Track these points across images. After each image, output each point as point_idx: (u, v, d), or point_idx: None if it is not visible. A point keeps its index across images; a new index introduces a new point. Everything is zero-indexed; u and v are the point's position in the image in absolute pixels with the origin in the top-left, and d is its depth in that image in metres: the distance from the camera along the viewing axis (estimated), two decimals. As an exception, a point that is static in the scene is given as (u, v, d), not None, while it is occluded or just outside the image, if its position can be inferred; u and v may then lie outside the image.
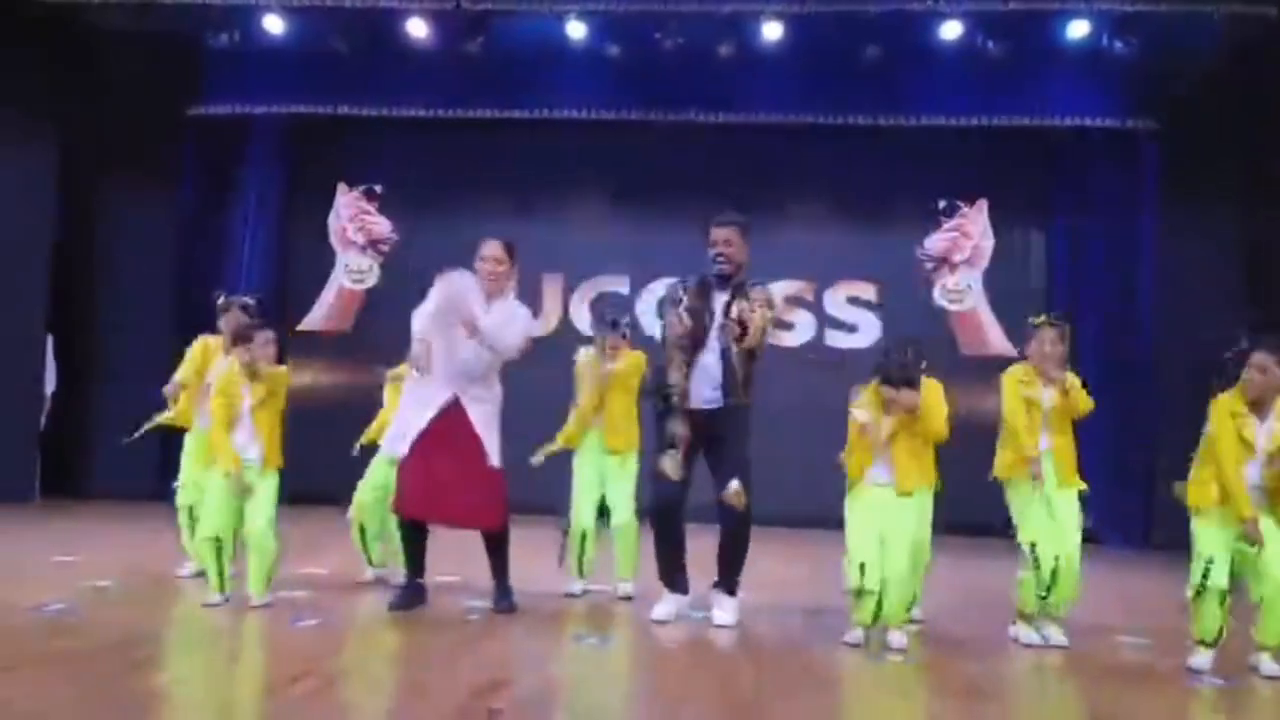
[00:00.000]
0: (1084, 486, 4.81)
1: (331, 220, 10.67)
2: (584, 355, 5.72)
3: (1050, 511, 4.69)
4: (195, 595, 5.04)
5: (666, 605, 4.93)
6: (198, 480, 5.47)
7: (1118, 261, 9.71)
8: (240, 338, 5.12)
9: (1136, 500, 9.31)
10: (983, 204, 10.30)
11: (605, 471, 5.59)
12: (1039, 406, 4.74)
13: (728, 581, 4.91)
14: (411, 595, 4.93)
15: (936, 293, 10.29)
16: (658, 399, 4.85)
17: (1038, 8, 8.78)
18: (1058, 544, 4.64)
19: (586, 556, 5.58)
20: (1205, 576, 4.23)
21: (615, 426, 5.57)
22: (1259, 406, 4.33)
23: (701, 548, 4.98)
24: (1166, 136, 9.27)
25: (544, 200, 10.24)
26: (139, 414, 6.14)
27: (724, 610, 4.85)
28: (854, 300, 10.22)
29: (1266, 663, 4.24)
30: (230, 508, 4.92)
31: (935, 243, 10.34)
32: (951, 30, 9.06)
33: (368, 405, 6.29)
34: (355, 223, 10.68)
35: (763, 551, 5.23)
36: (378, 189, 10.67)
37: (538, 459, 5.63)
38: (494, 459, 4.87)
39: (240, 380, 5.02)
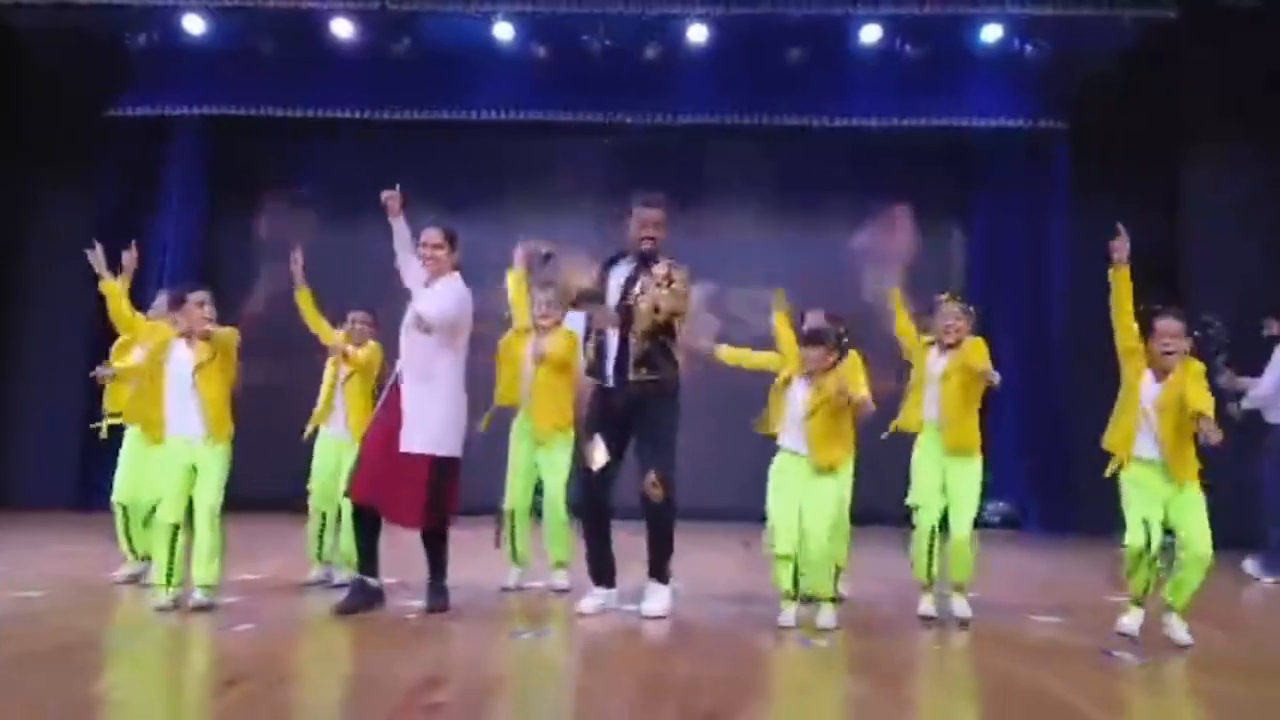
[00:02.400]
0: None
1: (261, 223, 10.54)
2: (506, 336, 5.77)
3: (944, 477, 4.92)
4: (130, 601, 4.99)
5: (592, 599, 4.97)
6: (134, 481, 5.41)
7: (1033, 259, 10.04)
8: (174, 303, 5.06)
9: (1054, 486, 9.67)
10: (905, 204, 10.54)
11: (538, 456, 5.63)
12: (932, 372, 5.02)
13: (656, 570, 4.97)
14: (360, 598, 4.83)
15: (866, 291, 10.52)
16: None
17: (953, 12, 9.06)
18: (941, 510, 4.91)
19: (519, 540, 5.62)
20: (1138, 537, 4.47)
21: (542, 410, 5.55)
22: (1163, 371, 4.60)
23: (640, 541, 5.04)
24: (1076, 138, 9.62)
25: (473, 202, 10.24)
26: (57, 418, 6.06)
27: (653, 600, 4.90)
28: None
29: (1175, 625, 4.51)
30: (183, 491, 4.81)
31: (860, 241, 10.56)
32: (871, 34, 9.30)
33: (296, 405, 6.18)
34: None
35: (695, 543, 5.34)
36: (303, 191, 10.57)
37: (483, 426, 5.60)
38: (408, 444, 4.73)
39: (170, 346, 4.92)
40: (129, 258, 5.71)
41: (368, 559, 4.89)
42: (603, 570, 5.03)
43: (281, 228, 10.61)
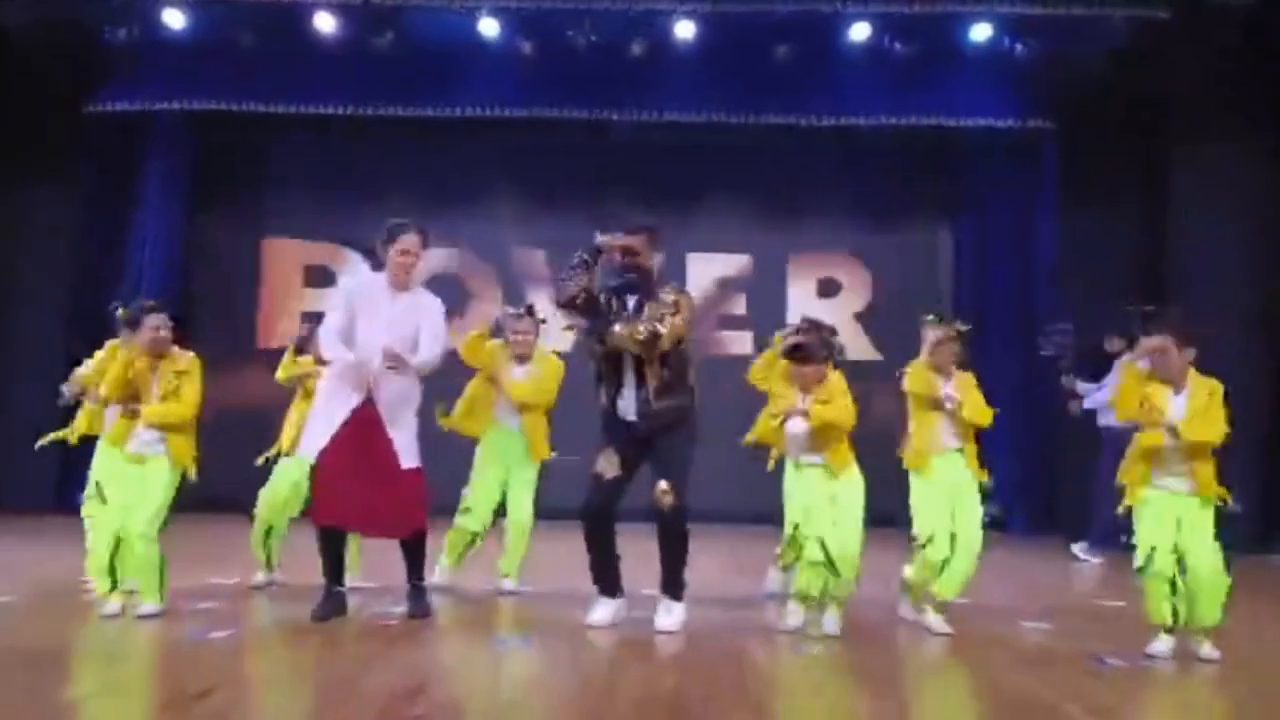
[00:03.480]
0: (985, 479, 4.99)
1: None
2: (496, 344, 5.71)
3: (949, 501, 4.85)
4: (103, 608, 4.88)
5: (602, 610, 4.83)
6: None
7: (1021, 259, 9.99)
8: (131, 323, 4.93)
9: (1039, 488, 9.65)
10: (892, 202, 10.51)
11: (509, 469, 5.62)
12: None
13: (669, 585, 4.82)
14: (333, 604, 4.79)
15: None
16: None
17: (942, 10, 8.99)
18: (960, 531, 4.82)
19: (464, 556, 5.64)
20: (1148, 563, 4.39)
21: (530, 434, 5.61)
22: (1172, 385, 4.48)
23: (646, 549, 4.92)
24: (1064, 138, 9.57)
25: (457, 200, 10.15)
26: (33, 420, 5.94)
27: (667, 614, 4.76)
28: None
29: (1205, 648, 4.41)
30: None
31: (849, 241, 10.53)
32: (860, 31, 9.22)
33: (272, 410, 6.12)
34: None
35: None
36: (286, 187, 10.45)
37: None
38: (407, 459, 4.74)
39: (138, 364, 4.81)
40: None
41: (337, 569, 4.84)
42: (609, 580, 4.88)
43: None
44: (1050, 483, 9.55)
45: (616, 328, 4.62)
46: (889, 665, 4.27)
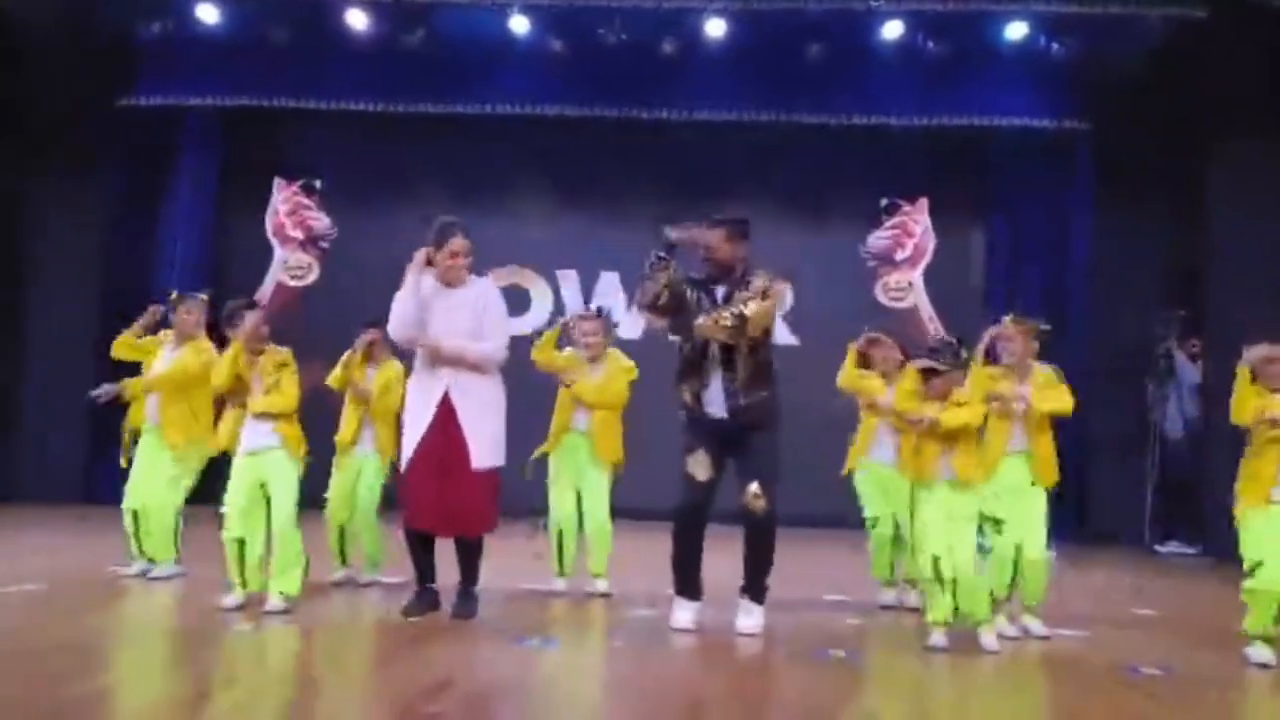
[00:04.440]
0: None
1: (269, 215, 10.47)
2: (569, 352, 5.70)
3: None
4: (134, 596, 4.91)
5: (685, 612, 4.71)
6: (143, 484, 5.54)
7: (1054, 260, 9.88)
8: (229, 319, 5.06)
9: (1069, 493, 9.49)
10: (923, 203, 10.41)
11: (582, 472, 5.58)
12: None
13: (752, 588, 4.70)
14: (426, 601, 4.77)
15: (878, 290, 10.39)
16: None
17: (976, 8, 8.89)
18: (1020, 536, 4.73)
19: (566, 554, 5.60)
20: (1253, 576, 4.36)
21: (597, 435, 5.55)
22: None
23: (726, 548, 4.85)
24: (1100, 138, 9.45)
25: (486, 197, 10.13)
26: (60, 413, 5.98)
27: (749, 616, 4.65)
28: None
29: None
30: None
31: (877, 241, 10.43)
32: (893, 30, 9.14)
33: (309, 404, 6.11)
34: (294, 218, 10.49)
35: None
36: (317, 184, 10.49)
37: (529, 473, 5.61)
38: (480, 460, 4.63)
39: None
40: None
41: (427, 569, 4.81)
42: (692, 583, 4.75)
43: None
44: (1079, 489, 9.40)
45: (701, 319, 4.51)
46: (920, 673, 4.20)
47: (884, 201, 10.36)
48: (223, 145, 10.20)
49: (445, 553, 4.80)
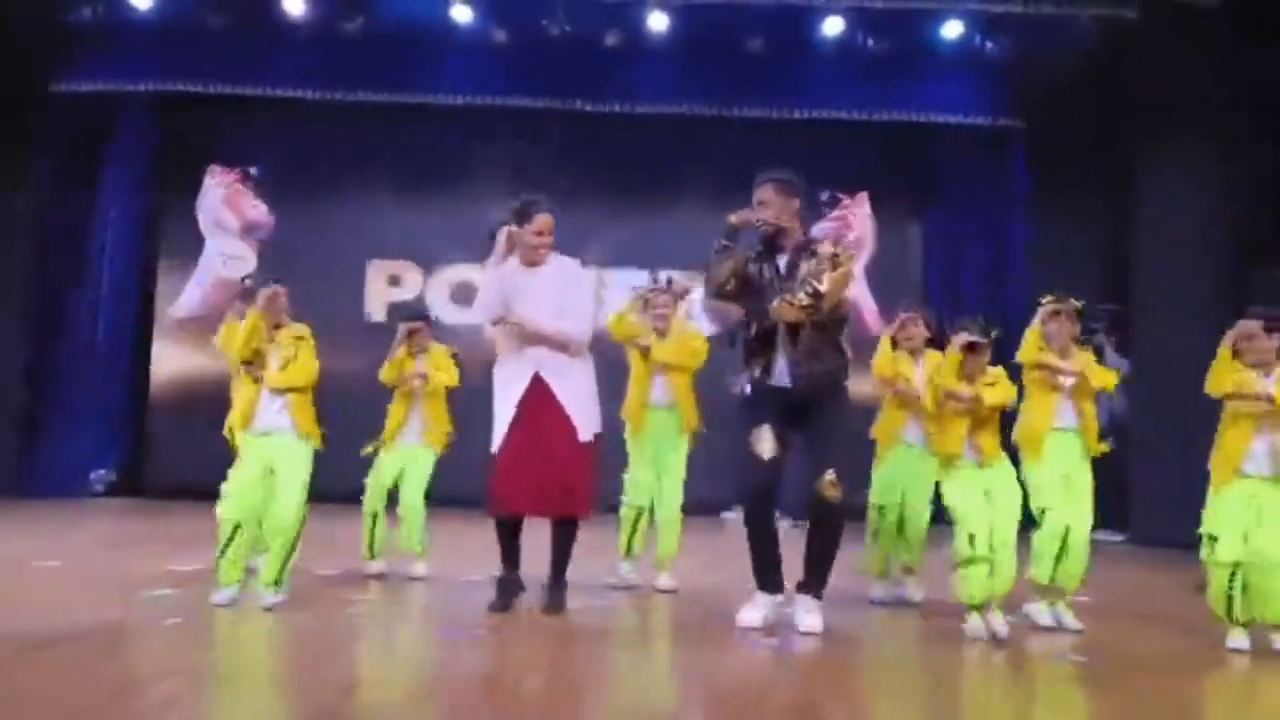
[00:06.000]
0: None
1: (202, 203, 10.29)
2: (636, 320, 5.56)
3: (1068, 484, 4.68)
4: (50, 592, 4.81)
5: (756, 609, 4.45)
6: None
7: (991, 255, 10.08)
8: (246, 294, 4.94)
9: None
10: (863, 196, 10.52)
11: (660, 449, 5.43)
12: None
13: (813, 583, 4.44)
14: (514, 590, 4.67)
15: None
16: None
17: (914, 6, 9.04)
18: (1069, 516, 4.61)
19: (638, 536, 5.44)
20: (1211, 551, 4.37)
21: (679, 403, 5.42)
22: (1262, 367, 4.47)
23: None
24: (1035, 135, 9.65)
25: (429, 187, 10.07)
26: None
27: (810, 614, 4.38)
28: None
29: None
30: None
31: (819, 233, 10.52)
32: (833, 26, 9.25)
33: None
34: (230, 206, 10.30)
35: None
36: (252, 170, 10.31)
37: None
38: (585, 433, 4.53)
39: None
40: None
41: (512, 555, 4.70)
42: (769, 573, 4.49)
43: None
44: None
45: (774, 303, 4.27)
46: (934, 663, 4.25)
47: (824, 195, 10.47)
48: (157, 132, 10.02)
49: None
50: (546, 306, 4.55)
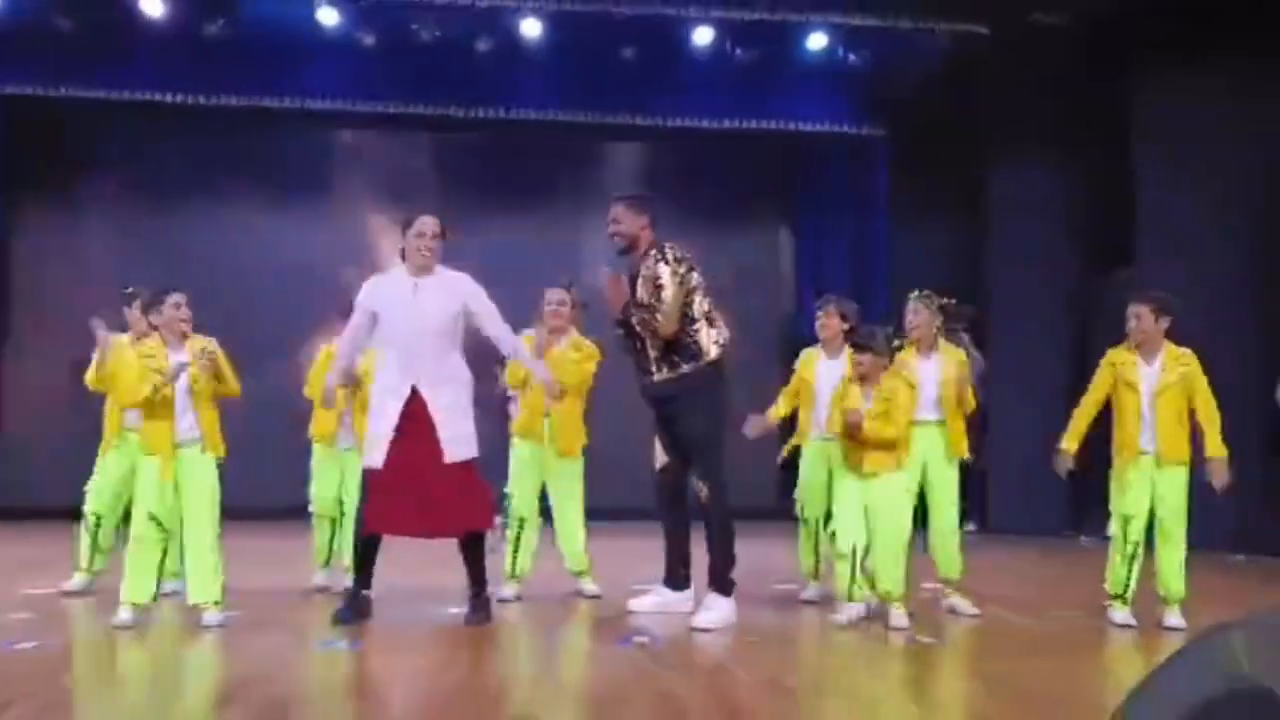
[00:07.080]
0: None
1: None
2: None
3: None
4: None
5: (645, 599, 4.89)
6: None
7: (857, 259, 10.43)
8: (147, 306, 4.65)
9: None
10: (735, 203, 10.75)
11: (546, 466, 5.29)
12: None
13: (714, 578, 4.63)
14: (361, 606, 4.62)
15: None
16: None
17: (780, 19, 9.27)
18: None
19: (523, 551, 5.25)
20: (1123, 535, 4.59)
21: (560, 425, 5.21)
22: (1145, 352, 4.63)
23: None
24: (896, 145, 10.02)
25: (296, 196, 9.87)
26: None
27: (707, 609, 4.55)
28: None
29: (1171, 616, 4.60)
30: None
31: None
32: (703, 36, 9.42)
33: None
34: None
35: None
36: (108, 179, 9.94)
37: None
38: (456, 453, 4.49)
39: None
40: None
41: (367, 572, 4.65)
42: (672, 568, 4.91)
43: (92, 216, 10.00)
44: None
45: (633, 318, 4.51)
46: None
47: (698, 201, 10.63)
48: (4, 137, 9.55)
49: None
50: (434, 318, 4.53)
